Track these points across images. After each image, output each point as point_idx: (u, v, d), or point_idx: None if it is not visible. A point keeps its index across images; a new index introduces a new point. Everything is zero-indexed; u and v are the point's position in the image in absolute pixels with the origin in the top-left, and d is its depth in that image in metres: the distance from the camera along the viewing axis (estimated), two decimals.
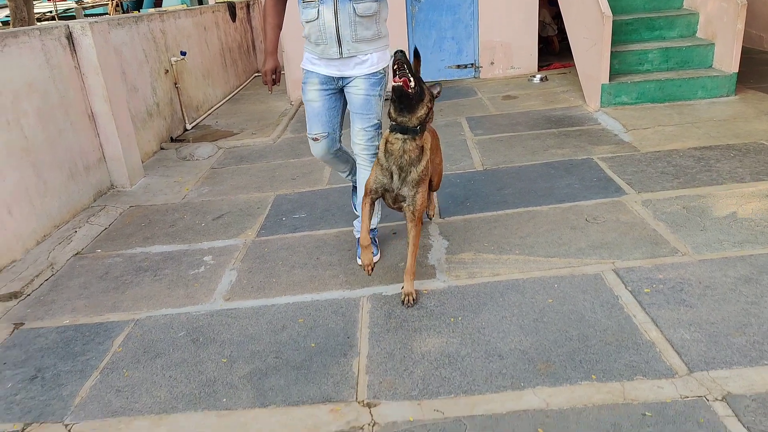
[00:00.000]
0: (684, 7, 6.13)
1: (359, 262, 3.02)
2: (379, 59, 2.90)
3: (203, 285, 3.17)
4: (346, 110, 3.09)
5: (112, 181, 4.80)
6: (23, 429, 2.23)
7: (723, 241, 2.92)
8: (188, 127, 6.43)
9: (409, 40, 7.62)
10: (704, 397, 1.98)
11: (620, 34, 5.77)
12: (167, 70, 6.06)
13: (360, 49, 2.84)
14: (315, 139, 3.06)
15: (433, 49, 7.71)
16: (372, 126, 2.96)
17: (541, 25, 8.15)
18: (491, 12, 7.45)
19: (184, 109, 6.39)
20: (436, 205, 3.68)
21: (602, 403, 2.01)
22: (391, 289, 2.87)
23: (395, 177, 2.66)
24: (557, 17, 8.25)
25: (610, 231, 3.17)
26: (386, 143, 2.65)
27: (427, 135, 2.71)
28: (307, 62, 2.98)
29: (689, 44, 5.59)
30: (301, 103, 3.71)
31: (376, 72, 2.91)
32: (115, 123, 4.63)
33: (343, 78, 2.93)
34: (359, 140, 2.99)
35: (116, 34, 5.06)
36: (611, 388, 2.07)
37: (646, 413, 1.94)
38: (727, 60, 5.30)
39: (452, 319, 2.58)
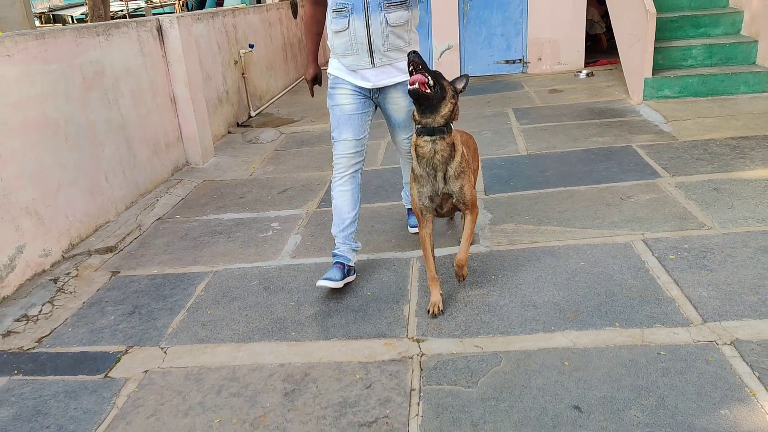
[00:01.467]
0: (729, 5, 6.23)
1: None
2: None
3: (272, 245, 3.59)
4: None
5: (187, 158, 5.31)
6: (126, 350, 2.69)
7: (748, 218, 3.14)
8: (252, 114, 6.93)
9: (460, 37, 7.93)
10: (714, 341, 2.25)
11: (665, 30, 5.94)
12: (236, 61, 6.58)
13: (392, 57, 2.79)
14: (344, 141, 2.93)
15: (483, 45, 8.00)
16: (410, 136, 3.00)
17: (589, 23, 8.31)
18: (540, 9, 7.69)
19: (249, 98, 6.90)
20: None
21: (622, 344, 2.30)
22: (439, 252, 3.21)
23: (435, 179, 2.59)
24: (605, 16, 8.39)
25: (642, 208, 3.43)
26: (416, 148, 2.58)
27: (456, 134, 2.63)
28: (337, 70, 2.90)
29: (733, 41, 5.71)
30: None
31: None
32: (193, 106, 5.14)
33: (378, 90, 2.87)
34: (405, 147, 3.06)
35: (197, 27, 5.58)
36: (631, 333, 2.36)
37: (661, 352, 2.22)
38: None
39: (493, 277, 2.91)
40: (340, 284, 2.85)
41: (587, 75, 7.39)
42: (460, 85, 2.59)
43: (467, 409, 2.07)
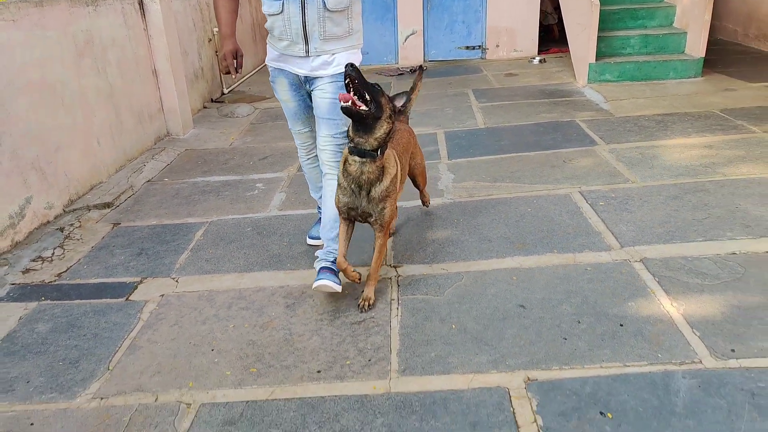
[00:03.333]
0: (664, 0, 6.95)
1: (319, 285, 2.63)
2: (348, 59, 2.52)
3: (259, 201, 4.03)
4: None
5: (168, 129, 5.65)
6: (141, 281, 3.10)
7: (663, 174, 3.78)
8: (225, 91, 7.27)
9: (424, 22, 8.45)
10: (628, 260, 2.84)
11: (608, 21, 6.60)
12: (210, 39, 6.90)
13: (327, 48, 2.60)
14: (298, 132, 2.99)
15: (446, 31, 8.54)
16: (341, 133, 2.70)
17: (543, 14, 8.94)
18: (498, 0, 8.27)
19: (222, 75, 7.23)
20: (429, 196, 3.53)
21: (558, 264, 2.87)
22: (410, 204, 3.71)
23: (359, 196, 2.50)
24: (557, 8, 9.05)
25: (580, 168, 4.03)
26: (345, 162, 2.49)
27: (390, 154, 2.52)
28: (272, 60, 2.76)
29: (666, 32, 6.43)
30: None
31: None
32: (173, 79, 5.48)
33: (309, 79, 2.71)
34: (326, 147, 2.75)
35: (174, 3, 5.89)
36: (566, 257, 2.93)
37: (588, 269, 2.80)
38: (696, 46, 6.14)
39: (455, 221, 3.44)
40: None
41: (540, 61, 8.03)
42: (399, 103, 2.51)
43: (436, 310, 2.59)
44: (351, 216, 2.61)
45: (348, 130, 2.44)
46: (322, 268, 2.70)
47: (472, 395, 2.09)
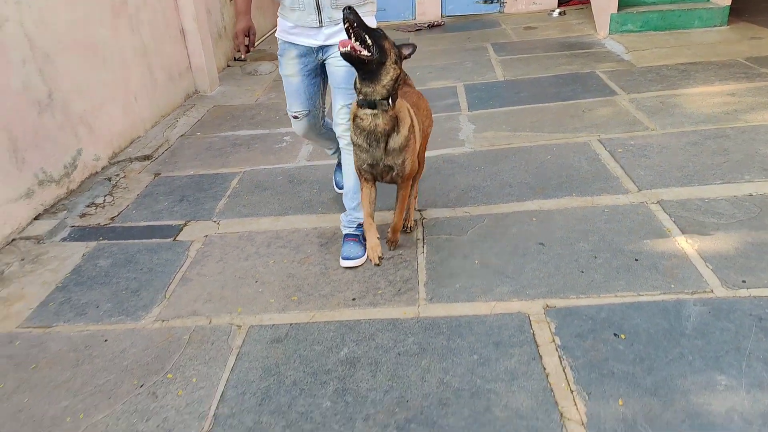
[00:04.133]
0: None
1: (345, 264, 2.73)
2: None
3: (288, 152, 4.22)
4: (328, 84, 2.82)
5: (196, 86, 5.83)
6: (185, 223, 3.33)
7: (684, 122, 3.87)
8: (251, 48, 7.37)
9: None
10: (645, 202, 2.99)
11: None
12: None
13: (340, 16, 2.42)
14: (295, 117, 2.85)
15: None
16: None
17: None
18: None
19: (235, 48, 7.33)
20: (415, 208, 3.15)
21: (577, 206, 3.03)
22: (432, 154, 3.86)
23: (376, 149, 2.41)
24: None
25: (600, 117, 4.13)
26: (355, 118, 2.38)
27: (402, 104, 2.43)
28: (283, 32, 2.64)
29: None
30: None
31: None
32: (200, 38, 5.62)
33: (323, 48, 2.61)
34: (342, 120, 2.68)
35: None
36: (584, 199, 3.09)
37: (605, 210, 2.96)
38: None
39: (476, 168, 3.60)
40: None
41: (560, 14, 7.97)
42: (406, 51, 2.34)
43: (459, 248, 2.78)
44: (373, 174, 2.54)
45: (355, 81, 2.33)
46: (346, 236, 2.85)
47: (495, 320, 2.29)
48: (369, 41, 2.17)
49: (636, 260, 2.53)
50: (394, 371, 2.08)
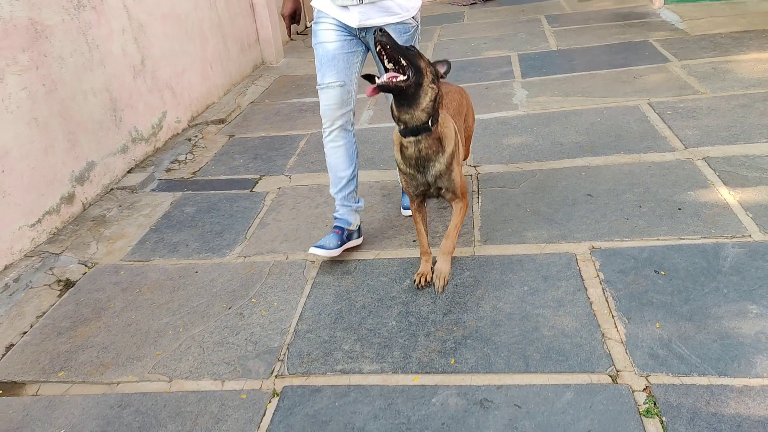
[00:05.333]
0: None
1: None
2: (407, 4, 2.41)
3: None
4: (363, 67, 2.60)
5: (263, 58, 6.19)
6: (260, 177, 3.68)
7: (734, 86, 3.95)
8: (308, 24, 7.69)
9: None
10: (690, 159, 3.14)
11: None
12: None
13: None
14: (328, 86, 2.52)
15: None
16: None
17: None
18: None
19: (304, 9, 7.64)
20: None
21: (624, 162, 3.20)
22: (485, 116, 4.07)
23: (422, 176, 2.28)
24: None
25: (650, 83, 4.24)
26: (401, 147, 2.26)
27: (443, 118, 2.26)
28: (321, 2, 2.45)
29: None
30: None
31: (405, 22, 2.44)
32: (267, 12, 5.96)
33: (364, 29, 2.43)
34: None
35: None
36: (632, 157, 3.25)
37: (652, 166, 3.13)
38: None
39: (529, 129, 3.80)
40: (335, 252, 2.63)
41: None
42: (442, 69, 2.20)
43: (512, 198, 3.02)
44: (423, 193, 2.40)
45: (392, 107, 2.15)
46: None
47: (544, 258, 2.53)
48: (403, 62, 2.02)
49: (679, 209, 2.71)
50: (452, 298, 2.36)
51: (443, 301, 2.35)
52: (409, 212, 2.92)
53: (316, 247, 2.62)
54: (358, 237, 2.80)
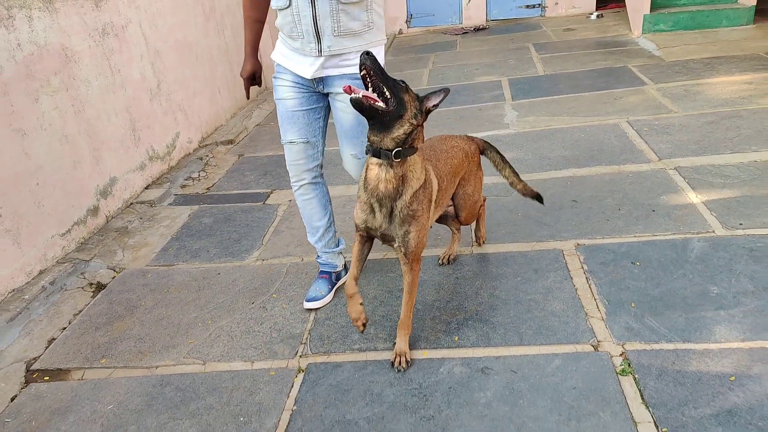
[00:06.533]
0: None
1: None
2: None
3: None
4: (329, 121, 2.50)
5: (266, 83, 6.52)
6: (271, 192, 3.98)
7: (704, 105, 4.33)
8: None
9: None
10: (664, 168, 3.48)
11: None
12: None
13: (343, 45, 2.21)
14: (291, 142, 2.46)
15: None
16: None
17: None
18: None
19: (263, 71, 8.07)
20: (484, 231, 2.98)
21: (605, 173, 3.54)
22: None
23: (377, 213, 2.05)
24: None
25: (629, 103, 4.62)
26: (366, 169, 2.03)
27: (416, 162, 2.01)
28: (279, 55, 2.37)
29: None
30: None
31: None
32: (271, 40, 6.32)
33: (323, 80, 2.31)
34: (353, 169, 2.48)
35: None
36: (612, 167, 3.59)
37: (630, 175, 3.46)
38: None
39: (519, 145, 4.14)
40: (328, 299, 2.67)
41: (598, 17, 8.42)
42: (432, 102, 1.98)
43: (505, 205, 3.33)
44: (370, 234, 2.18)
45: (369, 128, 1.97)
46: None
47: (534, 254, 2.83)
48: (387, 93, 1.86)
49: (653, 211, 3.03)
50: (453, 289, 2.65)
51: (446, 291, 2.63)
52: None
53: (308, 300, 2.65)
54: (346, 273, 2.80)
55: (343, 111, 2.33)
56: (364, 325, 2.23)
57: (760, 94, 4.38)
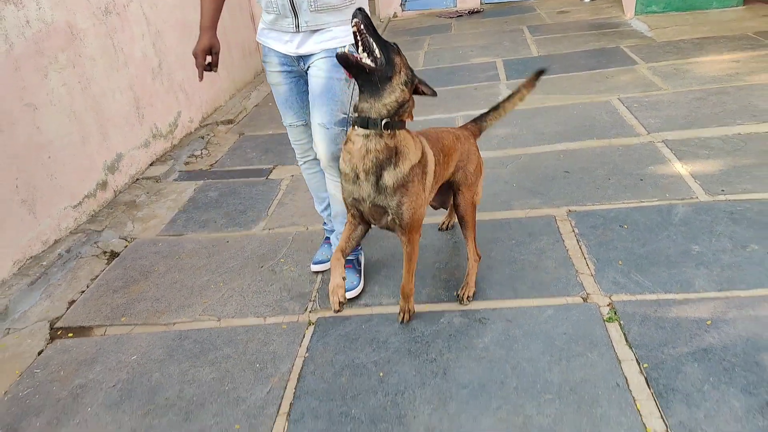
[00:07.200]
0: None
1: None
2: (347, 33, 2.19)
3: None
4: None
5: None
6: (273, 167, 4.10)
7: (693, 83, 4.48)
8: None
9: None
10: (652, 141, 3.63)
11: None
12: None
13: (322, 21, 2.16)
14: (291, 125, 2.55)
15: None
16: (338, 123, 2.26)
17: None
18: None
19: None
20: (474, 283, 2.48)
21: (596, 146, 3.69)
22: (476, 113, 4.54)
23: (363, 182, 1.97)
24: None
25: (620, 82, 4.76)
26: (347, 141, 1.97)
27: (409, 138, 1.98)
28: (262, 34, 2.35)
29: None
30: None
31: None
32: None
33: (302, 58, 2.27)
34: (321, 140, 2.30)
35: None
36: (603, 141, 3.74)
37: (620, 147, 3.61)
38: None
39: (514, 122, 4.28)
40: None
41: (591, 0, 8.54)
42: (426, 90, 1.96)
43: (500, 177, 3.48)
44: (361, 213, 2.10)
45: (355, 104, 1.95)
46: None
47: (528, 220, 2.98)
48: (377, 52, 1.81)
49: (641, 180, 3.19)
50: (452, 251, 2.80)
51: (445, 254, 2.79)
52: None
53: (315, 263, 2.75)
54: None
55: (315, 76, 2.25)
56: (341, 304, 1.98)
57: (747, 72, 4.53)
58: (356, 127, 1.92)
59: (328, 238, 2.87)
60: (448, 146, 2.30)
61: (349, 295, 2.47)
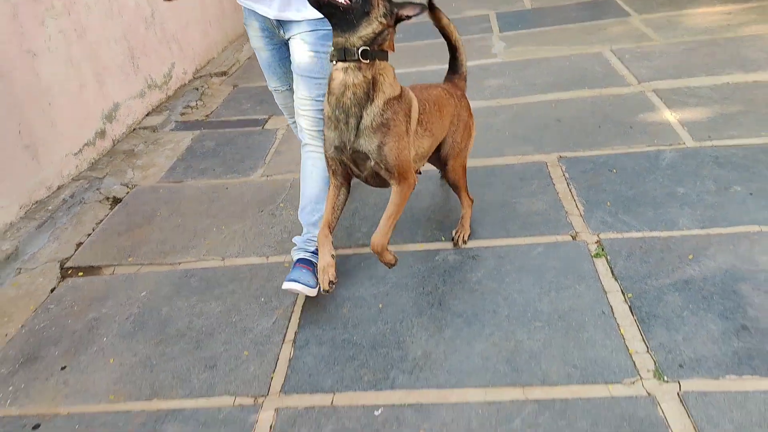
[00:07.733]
0: None
1: (289, 286, 2.13)
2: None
3: None
4: None
5: None
6: (269, 117, 4.14)
7: (684, 34, 4.52)
8: None
9: None
10: (643, 91, 3.70)
11: None
12: None
13: None
14: (275, 91, 2.55)
15: None
16: (320, 94, 2.13)
17: None
18: None
19: None
20: (469, 226, 2.55)
21: (588, 96, 3.76)
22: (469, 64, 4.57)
23: (343, 125, 1.90)
24: None
25: (613, 33, 4.80)
26: (330, 80, 1.90)
27: (389, 68, 1.92)
28: None
29: None
30: None
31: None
32: None
33: (282, 25, 2.16)
34: (305, 112, 2.21)
35: None
36: (594, 91, 3.81)
37: (611, 97, 3.69)
38: None
39: (506, 73, 4.32)
40: None
41: None
42: (407, 12, 1.87)
43: (493, 126, 3.55)
44: (343, 165, 2.04)
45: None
46: (298, 261, 2.27)
47: (520, 166, 3.07)
48: None
49: (631, 128, 3.28)
50: (445, 197, 2.90)
51: (438, 198, 2.89)
52: (286, 285, 2.20)
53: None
54: None
55: (299, 49, 2.15)
56: (331, 283, 1.96)
57: (738, 23, 4.57)
58: (335, 62, 1.86)
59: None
60: (436, 96, 2.25)
61: (309, 293, 2.19)
